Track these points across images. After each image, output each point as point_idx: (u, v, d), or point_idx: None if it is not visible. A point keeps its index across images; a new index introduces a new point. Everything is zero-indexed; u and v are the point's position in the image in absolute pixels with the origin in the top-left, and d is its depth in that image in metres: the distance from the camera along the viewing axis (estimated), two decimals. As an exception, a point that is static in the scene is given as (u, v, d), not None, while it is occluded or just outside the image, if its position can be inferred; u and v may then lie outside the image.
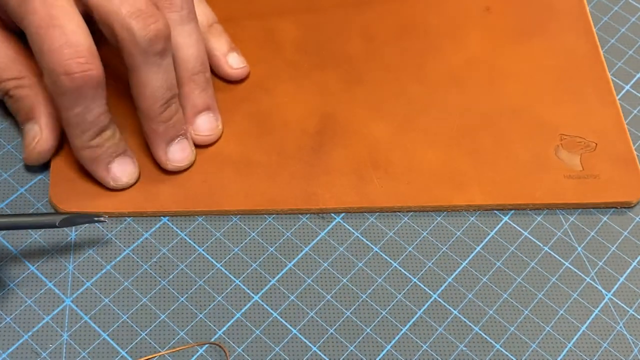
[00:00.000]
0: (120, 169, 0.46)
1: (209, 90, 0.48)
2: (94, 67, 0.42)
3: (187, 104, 0.47)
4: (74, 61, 0.41)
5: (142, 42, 0.43)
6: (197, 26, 0.47)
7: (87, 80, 0.42)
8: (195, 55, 0.47)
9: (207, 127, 0.48)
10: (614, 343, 0.44)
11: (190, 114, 0.48)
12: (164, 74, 0.44)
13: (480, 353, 0.43)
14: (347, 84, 0.52)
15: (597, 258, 0.47)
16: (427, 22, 0.56)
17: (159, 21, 0.43)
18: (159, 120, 0.45)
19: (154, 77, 0.44)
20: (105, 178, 0.46)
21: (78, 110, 0.43)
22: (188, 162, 0.47)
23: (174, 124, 0.46)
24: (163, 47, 0.44)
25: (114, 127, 0.45)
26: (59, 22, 0.42)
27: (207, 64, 0.48)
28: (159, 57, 0.44)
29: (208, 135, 0.48)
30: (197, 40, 0.47)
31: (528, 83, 0.53)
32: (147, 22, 0.43)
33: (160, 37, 0.43)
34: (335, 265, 0.46)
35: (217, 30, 0.51)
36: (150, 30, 0.43)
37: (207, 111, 0.48)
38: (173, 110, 0.46)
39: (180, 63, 0.46)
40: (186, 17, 0.46)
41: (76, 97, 0.42)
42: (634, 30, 0.58)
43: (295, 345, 0.43)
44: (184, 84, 0.47)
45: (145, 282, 0.44)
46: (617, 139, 0.51)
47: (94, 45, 0.42)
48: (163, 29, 0.43)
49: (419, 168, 0.49)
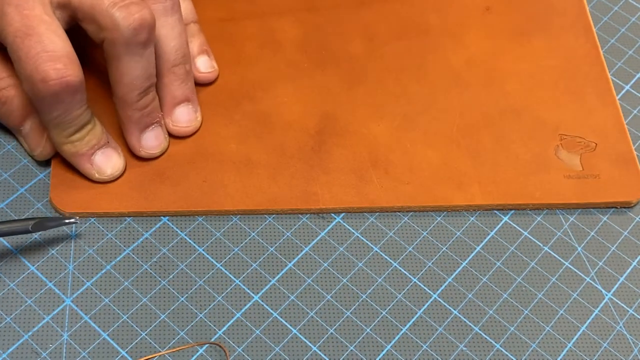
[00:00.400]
0: (103, 160, 0.46)
1: (188, 82, 0.48)
2: (72, 73, 0.42)
3: (166, 94, 0.48)
4: (51, 68, 0.41)
5: (125, 32, 0.43)
6: (180, 19, 0.47)
7: (64, 86, 0.42)
8: (177, 47, 0.47)
9: (185, 118, 0.48)
10: (614, 343, 0.44)
11: (169, 104, 0.48)
12: (145, 63, 0.44)
13: (480, 353, 0.43)
14: (347, 84, 0.52)
15: (597, 258, 0.47)
16: (427, 22, 0.56)
17: (143, 10, 0.43)
18: (134, 107, 0.46)
19: (134, 66, 0.44)
20: (89, 170, 0.46)
21: (57, 114, 0.43)
22: (160, 150, 0.48)
23: (150, 112, 0.46)
24: (147, 37, 0.43)
25: (94, 121, 0.45)
26: (36, 31, 0.42)
27: (188, 57, 0.48)
28: (141, 46, 0.44)
29: (186, 127, 0.48)
30: (179, 32, 0.47)
31: (528, 83, 0.53)
32: (131, 11, 0.43)
33: (144, 27, 0.43)
34: (335, 265, 0.46)
35: (192, 30, 0.51)
36: (134, 19, 0.43)
37: (185, 103, 0.48)
38: (150, 99, 0.46)
39: (161, 54, 0.46)
40: (170, 8, 0.46)
41: (54, 102, 0.43)
42: (634, 30, 0.58)
43: (295, 345, 0.43)
44: (164, 75, 0.47)
45: (145, 282, 0.44)
46: (617, 139, 0.51)
47: (72, 52, 0.42)
48: (148, 18, 0.43)
49: (419, 168, 0.49)
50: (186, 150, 0.48)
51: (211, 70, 0.51)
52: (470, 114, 0.51)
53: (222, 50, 0.53)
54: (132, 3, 0.43)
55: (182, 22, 0.47)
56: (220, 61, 0.52)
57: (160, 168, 0.48)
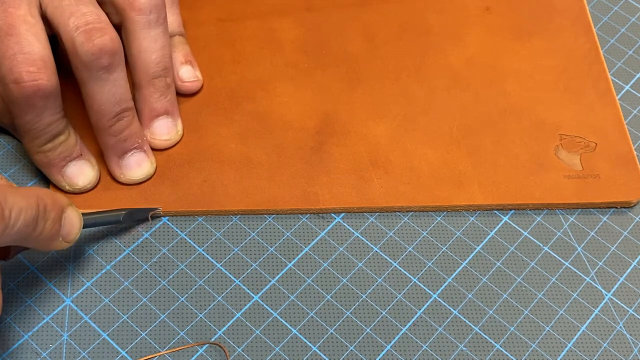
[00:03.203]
0: (75, 172, 0.45)
1: (168, 95, 0.48)
2: (45, 78, 0.42)
3: (144, 107, 0.47)
4: (24, 70, 0.41)
5: (84, 57, 0.42)
6: (165, 31, 0.46)
7: (35, 90, 0.41)
8: (158, 60, 0.46)
9: (164, 131, 0.48)
10: (614, 343, 0.44)
11: (148, 117, 0.47)
12: (111, 88, 0.44)
13: (480, 353, 0.43)
14: (347, 84, 0.52)
15: (597, 258, 0.47)
16: (427, 22, 0.56)
17: (105, 35, 0.42)
18: (108, 133, 0.45)
19: (99, 91, 0.43)
20: (60, 182, 0.46)
21: (29, 118, 0.43)
22: (144, 175, 0.47)
23: (126, 137, 0.46)
24: (109, 62, 0.43)
25: (68, 132, 0.45)
26: (16, 31, 0.42)
27: (170, 70, 0.47)
28: (104, 71, 0.43)
29: (165, 140, 0.48)
30: (162, 46, 0.46)
31: (528, 83, 0.53)
32: (92, 36, 0.42)
33: (105, 52, 0.42)
34: (335, 265, 0.46)
35: (176, 42, 0.50)
36: (94, 45, 0.42)
37: (165, 116, 0.48)
38: (124, 124, 0.45)
39: (141, 66, 0.46)
40: (154, 21, 0.46)
41: (26, 105, 0.42)
42: (634, 30, 0.58)
43: (295, 345, 0.43)
44: (143, 86, 0.46)
45: (145, 282, 0.44)
46: (617, 139, 0.51)
47: (49, 56, 0.42)
48: (108, 43, 0.42)
49: (419, 168, 0.49)
50: (186, 150, 0.48)
51: (194, 80, 0.50)
52: (470, 114, 0.51)
53: (222, 50, 0.53)
54: (95, 28, 0.42)
55: (166, 35, 0.46)
56: (220, 61, 0.52)
57: (160, 168, 0.48)
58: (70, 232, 0.41)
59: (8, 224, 0.36)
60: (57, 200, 0.40)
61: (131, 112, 0.45)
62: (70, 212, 0.41)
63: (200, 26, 0.54)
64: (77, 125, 0.47)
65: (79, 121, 0.47)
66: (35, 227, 0.38)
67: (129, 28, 0.45)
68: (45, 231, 0.39)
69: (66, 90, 0.45)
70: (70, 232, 0.41)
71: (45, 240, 0.39)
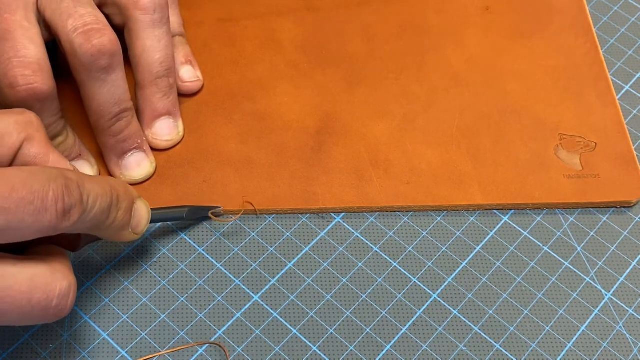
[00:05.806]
0: None
1: (171, 96, 0.48)
2: (40, 81, 0.42)
3: (146, 107, 0.47)
4: (19, 74, 0.41)
5: (83, 58, 0.42)
6: (168, 31, 0.46)
7: (31, 93, 0.42)
8: (161, 60, 0.46)
9: (165, 132, 0.48)
10: (613, 343, 0.44)
11: (149, 117, 0.47)
12: (110, 88, 0.44)
13: (480, 353, 0.43)
14: (347, 84, 0.52)
15: (597, 258, 0.47)
16: (427, 22, 0.56)
17: (103, 37, 0.42)
18: (107, 134, 0.45)
19: (98, 92, 0.44)
20: None
21: None
22: (144, 175, 0.47)
23: (126, 137, 0.46)
24: (108, 63, 0.43)
25: (67, 133, 0.45)
26: (12, 36, 0.42)
27: (172, 70, 0.47)
28: (103, 72, 0.43)
29: (166, 141, 0.48)
30: (165, 45, 0.46)
31: (528, 83, 0.53)
32: (90, 37, 0.42)
33: (104, 53, 0.42)
34: (335, 265, 0.46)
35: (177, 42, 0.50)
36: (92, 45, 0.42)
37: (167, 116, 0.48)
38: (123, 125, 0.45)
39: (144, 66, 0.46)
40: (158, 21, 0.46)
41: None
42: (634, 30, 0.58)
43: (295, 345, 0.43)
44: (146, 86, 0.47)
45: (145, 282, 0.44)
46: (617, 139, 0.51)
47: (45, 59, 0.42)
48: (107, 44, 0.42)
49: (419, 168, 0.49)
50: (186, 150, 0.49)
51: (195, 80, 0.50)
52: (470, 114, 0.51)
53: (222, 50, 0.53)
54: (93, 29, 0.42)
55: (169, 35, 0.47)
56: (220, 61, 0.52)
57: (160, 168, 0.48)
58: (139, 224, 0.41)
59: (85, 209, 0.36)
60: (129, 191, 0.40)
61: (130, 112, 0.45)
62: (140, 204, 0.41)
63: (200, 26, 0.54)
64: (77, 125, 0.47)
65: (78, 121, 0.48)
66: (108, 215, 0.38)
67: (133, 27, 0.45)
68: (117, 220, 0.39)
69: (65, 91, 0.45)
70: (139, 224, 0.41)
71: (116, 230, 0.40)
